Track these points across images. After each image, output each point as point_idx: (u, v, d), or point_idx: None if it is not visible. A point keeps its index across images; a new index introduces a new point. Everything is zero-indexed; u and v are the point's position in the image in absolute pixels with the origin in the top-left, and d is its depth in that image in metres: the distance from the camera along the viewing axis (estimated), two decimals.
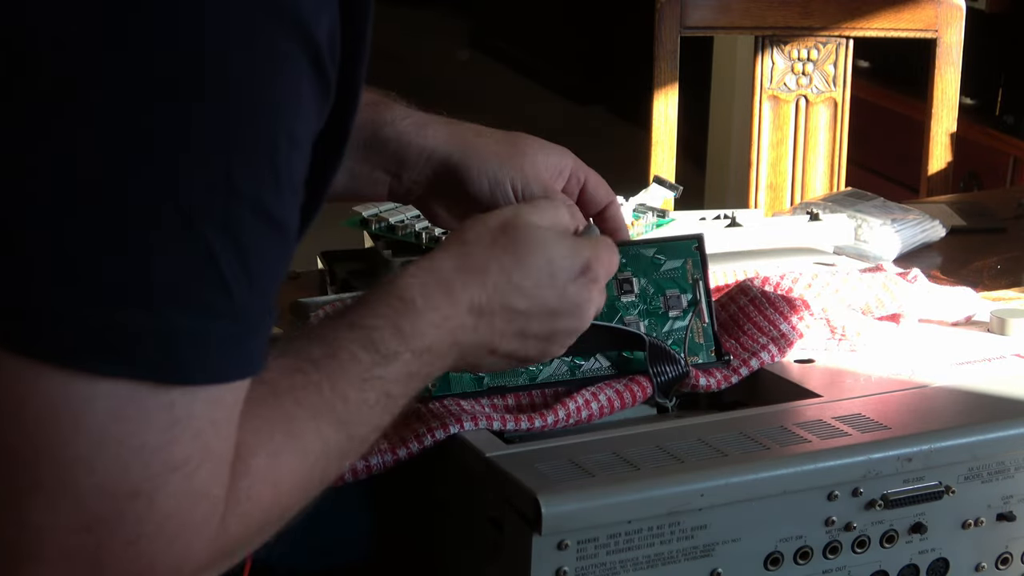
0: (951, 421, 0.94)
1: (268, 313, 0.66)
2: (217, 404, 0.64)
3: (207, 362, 0.63)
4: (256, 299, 0.65)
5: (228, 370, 0.64)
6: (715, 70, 3.65)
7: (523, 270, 0.84)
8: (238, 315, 0.64)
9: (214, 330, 0.63)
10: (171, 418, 0.62)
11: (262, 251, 0.64)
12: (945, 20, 2.05)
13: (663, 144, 2.07)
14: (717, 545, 0.85)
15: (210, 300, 0.62)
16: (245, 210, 0.63)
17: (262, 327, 0.66)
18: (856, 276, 1.09)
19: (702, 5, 2.05)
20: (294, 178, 0.66)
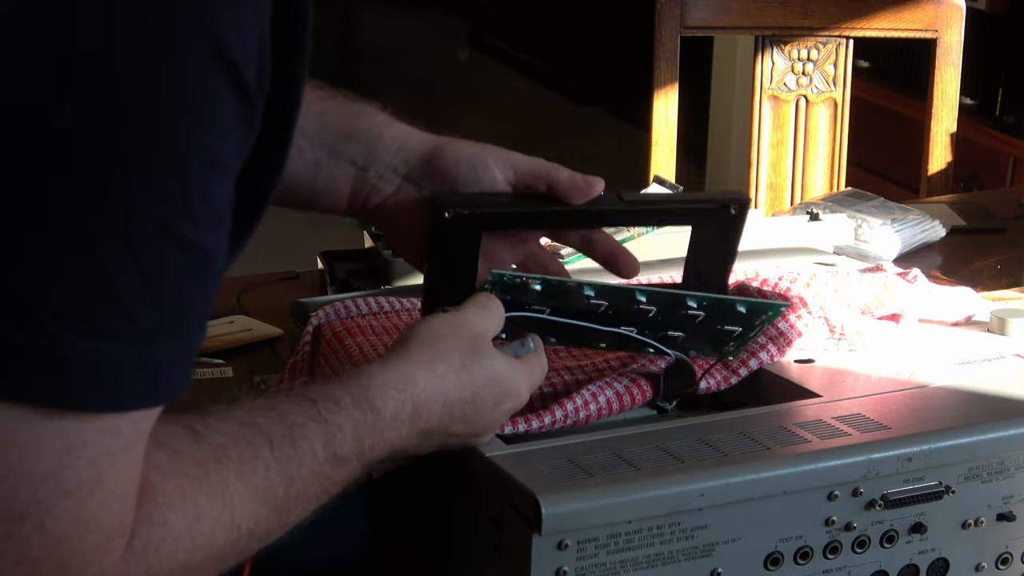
0: (951, 421, 0.94)
1: (184, 339, 0.64)
2: (114, 434, 0.63)
3: (102, 388, 0.61)
4: (166, 324, 0.63)
5: (126, 398, 0.63)
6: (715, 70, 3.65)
7: (475, 405, 0.86)
8: (141, 340, 0.62)
9: (111, 355, 0.61)
10: (64, 445, 0.61)
11: (172, 274, 0.63)
12: (945, 20, 2.05)
13: (663, 144, 2.07)
14: (717, 545, 0.85)
15: (107, 323, 0.61)
16: (149, 231, 0.61)
17: (176, 354, 0.64)
18: (856, 276, 1.09)
19: (702, 5, 2.05)
20: (212, 200, 0.64)
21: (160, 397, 0.64)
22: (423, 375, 0.83)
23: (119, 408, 0.63)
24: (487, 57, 5.90)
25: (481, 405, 0.86)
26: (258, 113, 0.66)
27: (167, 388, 0.65)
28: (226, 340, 1.33)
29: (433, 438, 0.85)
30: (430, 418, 0.83)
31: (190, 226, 0.63)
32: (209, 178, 0.63)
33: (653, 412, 0.99)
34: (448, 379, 0.84)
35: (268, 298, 1.44)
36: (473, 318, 0.88)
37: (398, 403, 0.81)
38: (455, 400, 0.84)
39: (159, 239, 0.62)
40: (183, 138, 0.62)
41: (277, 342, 1.35)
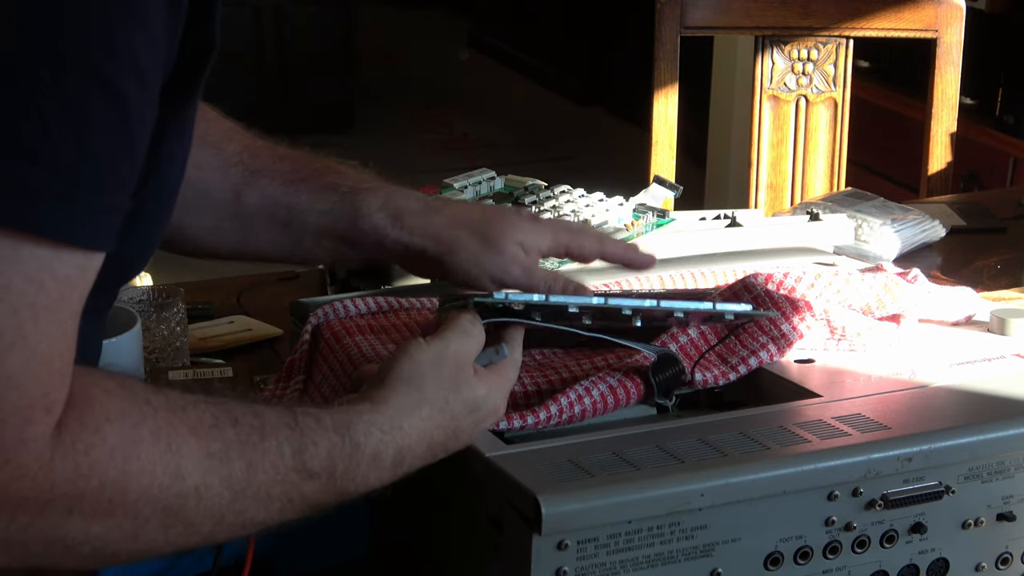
0: (951, 421, 0.94)
1: (101, 186, 0.64)
2: (39, 285, 0.62)
3: (17, 204, 0.61)
4: (87, 171, 0.63)
5: (44, 224, 0.62)
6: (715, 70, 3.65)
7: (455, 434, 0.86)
8: (62, 174, 0.62)
9: (28, 178, 0.61)
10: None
11: (96, 117, 0.63)
12: (945, 20, 2.05)
13: (663, 144, 2.07)
14: (717, 545, 0.85)
15: (30, 145, 0.61)
16: (75, 67, 0.62)
17: (91, 203, 0.64)
18: (857, 276, 1.09)
19: (702, 5, 2.05)
20: (141, 59, 0.65)
21: (76, 236, 0.63)
22: (409, 421, 0.83)
23: (33, 229, 0.62)
24: (487, 57, 5.90)
25: (460, 433, 0.86)
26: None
27: (84, 230, 0.64)
28: (226, 340, 1.33)
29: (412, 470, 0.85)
30: (413, 460, 0.83)
31: (117, 75, 0.64)
32: (134, 33, 0.64)
33: (653, 412, 0.99)
34: (433, 420, 0.84)
35: (268, 298, 1.44)
36: (455, 346, 0.88)
37: (381, 444, 0.81)
38: (439, 440, 0.85)
39: (84, 77, 0.62)
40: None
41: (277, 342, 1.35)
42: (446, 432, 0.85)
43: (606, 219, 1.40)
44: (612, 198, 1.45)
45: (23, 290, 0.61)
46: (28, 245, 0.61)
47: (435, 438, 0.85)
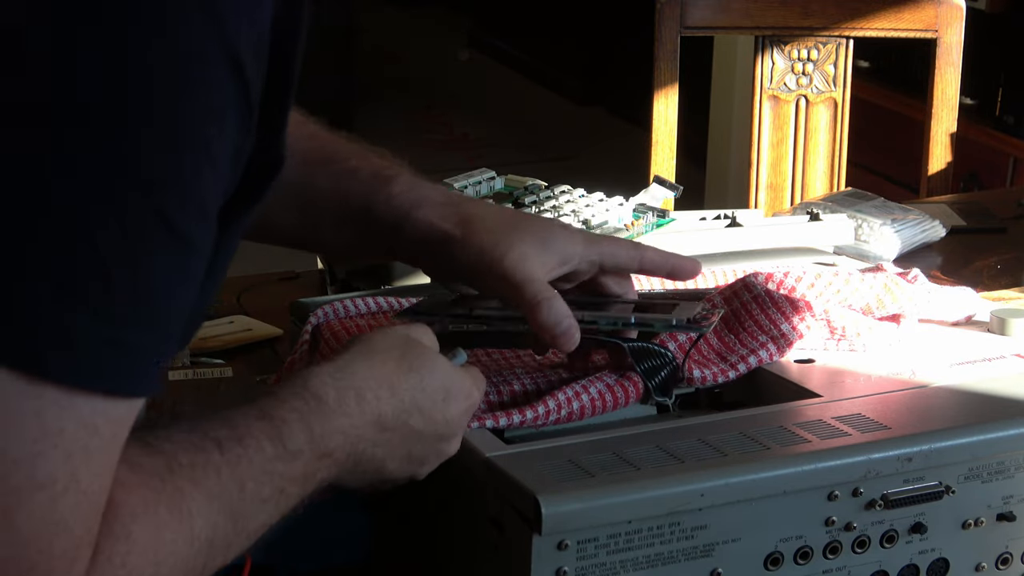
0: (951, 421, 0.94)
1: (158, 336, 0.63)
2: (91, 429, 0.61)
3: (76, 362, 0.60)
4: (143, 312, 0.62)
5: (101, 378, 0.61)
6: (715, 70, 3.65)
7: (424, 392, 0.84)
8: (116, 320, 0.61)
9: (86, 326, 0.60)
10: (40, 429, 0.59)
11: (156, 258, 0.62)
12: (945, 20, 2.05)
13: (663, 144, 2.07)
14: (717, 545, 0.85)
15: (85, 293, 0.60)
16: (141, 209, 0.61)
17: (148, 349, 0.63)
18: (857, 276, 1.09)
19: (702, 5, 2.05)
20: (204, 195, 0.64)
21: (132, 387, 0.63)
22: (360, 365, 0.82)
23: (89, 384, 0.61)
24: (487, 57, 5.90)
25: (432, 395, 0.84)
26: (254, 109, 0.66)
27: (139, 380, 0.63)
28: (226, 340, 1.33)
29: (393, 432, 0.82)
30: (379, 403, 0.81)
31: (180, 214, 0.62)
32: (202, 170, 0.63)
33: (653, 412, 0.99)
34: (388, 366, 0.82)
35: (268, 298, 1.44)
36: (406, 329, 0.87)
37: (339, 390, 0.79)
38: (402, 386, 0.82)
39: (149, 217, 0.61)
40: (181, 122, 0.62)
41: (277, 342, 1.35)
42: (409, 382, 0.83)
43: (606, 219, 1.40)
44: (612, 198, 1.45)
45: (76, 435, 0.60)
46: (83, 395, 0.61)
47: (396, 382, 0.82)
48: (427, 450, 0.85)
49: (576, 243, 0.99)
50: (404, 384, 0.83)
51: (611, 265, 1.01)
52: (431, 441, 0.85)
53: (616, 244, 1.02)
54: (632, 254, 1.02)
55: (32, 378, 0.59)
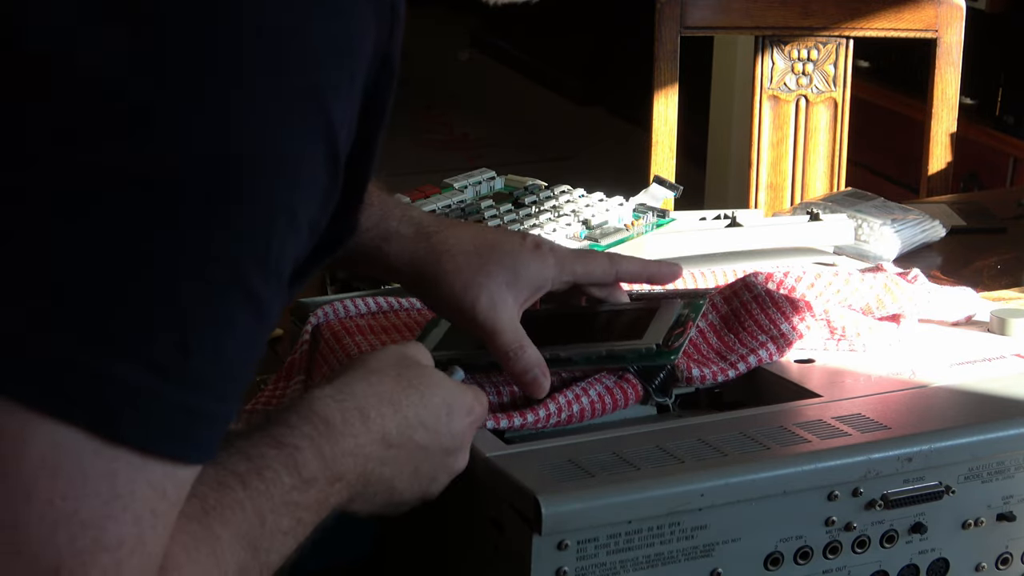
0: (951, 421, 0.94)
1: (225, 405, 0.62)
2: (160, 493, 0.60)
3: (153, 426, 0.59)
4: (218, 380, 0.61)
5: (175, 444, 0.60)
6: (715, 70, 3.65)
7: (426, 408, 0.84)
8: (193, 387, 0.60)
9: (164, 395, 0.59)
10: (112, 491, 0.58)
11: (235, 328, 0.61)
12: (945, 20, 2.05)
13: (663, 144, 2.07)
14: (717, 545, 0.85)
15: (167, 363, 0.59)
16: (227, 279, 0.60)
17: (219, 415, 0.62)
18: (857, 276, 1.09)
19: (702, 5, 2.05)
20: (283, 262, 0.63)
21: (198, 456, 0.62)
22: (359, 385, 0.82)
23: (169, 452, 0.60)
24: (487, 57, 5.90)
25: (434, 410, 0.84)
26: (340, 180, 0.66)
27: (207, 447, 0.62)
28: None
29: (400, 449, 0.82)
30: (383, 420, 0.81)
31: (262, 284, 0.62)
32: (287, 239, 0.63)
33: (653, 412, 0.99)
34: (385, 385, 0.82)
35: None
36: (401, 348, 0.87)
37: (343, 411, 0.79)
38: (403, 402, 0.82)
39: (234, 289, 0.61)
40: (278, 195, 0.61)
41: (277, 342, 1.35)
42: (409, 398, 0.83)
43: (606, 219, 1.40)
44: (612, 198, 1.45)
45: (147, 498, 0.60)
46: (155, 459, 0.60)
47: (397, 398, 0.82)
48: (435, 466, 0.85)
49: (548, 267, 1.00)
50: (406, 400, 0.83)
51: (587, 282, 1.03)
52: (438, 456, 0.84)
53: (590, 260, 1.04)
54: (607, 268, 1.04)
55: (107, 440, 0.58)
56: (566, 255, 1.03)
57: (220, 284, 0.60)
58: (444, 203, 1.41)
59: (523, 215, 1.40)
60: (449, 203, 1.42)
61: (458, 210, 1.40)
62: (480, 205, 1.40)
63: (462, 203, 1.42)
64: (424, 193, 1.43)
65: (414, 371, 0.85)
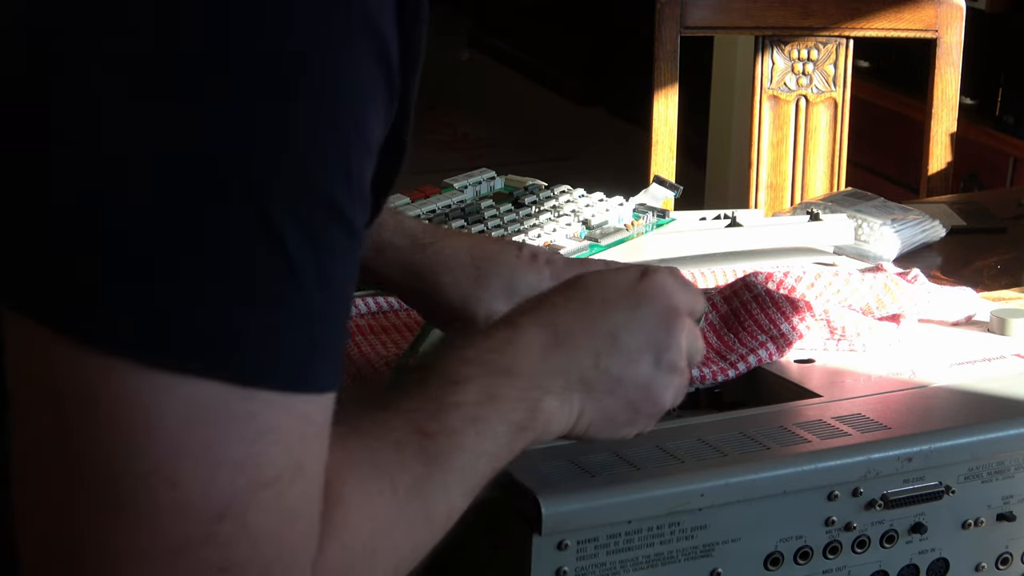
0: (951, 421, 0.94)
1: (341, 330, 0.62)
2: (305, 419, 0.61)
3: (284, 364, 0.59)
4: (330, 304, 0.61)
5: (308, 375, 0.60)
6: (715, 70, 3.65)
7: (625, 325, 0.81)
8: (313, 319, 0.60)
9: (290, 331, 0.59)
10: (256, 429, 0.58)
11: (336, 253, 0.61)
12: (945, 20, 2.05)
13: (663, 144, 2.07)
14: (717, 545, 0.85)
15: (285, 299, 0.59)
16: (321, 209, 0.60)
17: (337, 343, 0.62)
18: (856, 276, 1.09)
19: (702, 5, 2.05)
20: (363, 181, 0.63)
21: (327, 383, 0.62)
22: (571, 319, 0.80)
23: (305, 385, 0.60)
24: (487, 57, 5.90)
25: (628, 338, 0.80)
26: (396, 96, 0.65)
27: (330, 377, 0.62)
28: None
29: (574, 352, 0.79)
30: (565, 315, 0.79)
31: (350, 205, 0.62)
32: (363, 158, 0.62)
33: None
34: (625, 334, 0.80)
35: None
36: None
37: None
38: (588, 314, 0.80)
39: (328, 216, 0.60)
40: (345, 112, 0.61)
41: None
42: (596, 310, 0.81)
43: (606, 219, 1.40)
44: (612, 198, 1.45)
45: (292, 429, 0.60)
46: (291, 393, 0.60)
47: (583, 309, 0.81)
48: (615, 401, 0.81)
49: (543, 279, 1.00)
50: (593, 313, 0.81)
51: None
52: (610, 385, 0.81)
53: (586, 269, 1.03)
54: None
55: (240, 384, 0.58)
56: (562, 265, 1.03)
57: (320, 211, 0.60)
58: (444, 203, 1.41)
59: (523, 215, 1.39)
60: (449, 203, 1.42)
61: (458, 210, 1.40)
62: (480, 205, 1.40)
63: (462, 203, 1.42)
64: (424, 193, 1.43)
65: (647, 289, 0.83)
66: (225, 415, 0.58)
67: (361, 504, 0.66)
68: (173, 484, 0.57)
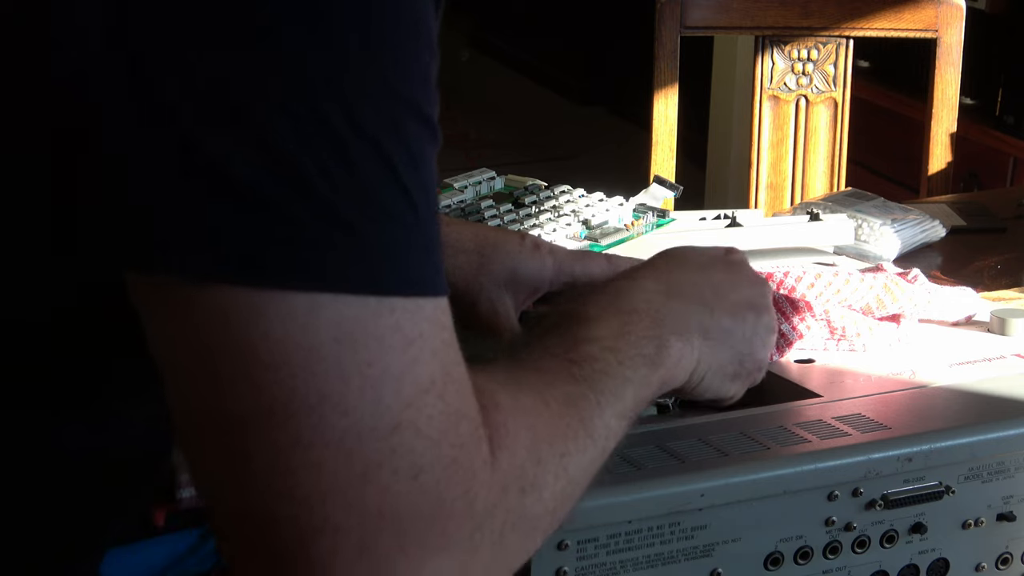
0: (951, 421, 0.94)
1: (439, 234, 0.63)
2: (440, 324, 0.62)
3: (412, 272, 0.61)
4: (431, 210, 0.62)
5: (430, 280, 0.62)
6: (715, 70, 3.65)
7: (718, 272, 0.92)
8: (423, 226, 0.61)
9: (409, 240, 0.60)
10: (405, 340, 0.60)
11: (427, 160, 0.62)
12: (945, 20, 2.05)
13: (663, 144, 2.07)
14: (717, 545, 0.85)
15: (399, 210, 0.60)
16: (409, 115, 0.61)
17: (439, 242, 0.63)
18: (857, 276, 1.09)
19: (702, 5, 2.05)
20: (434, 84, 0.63)
21: (446, 287, 0.63)
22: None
23: (428, 291, 0.61)
24: (487, 57, 5.90)
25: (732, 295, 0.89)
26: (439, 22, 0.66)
27: (443, 277, 0.63)
28: None
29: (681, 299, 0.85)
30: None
31: (430, 107, 0.62)
32: (431, 62, 0.63)
33: (653, 412, 0.99)
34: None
35: None
36: None
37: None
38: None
39: (415, 121, 0.61)
40: (422, 21, 0.61)
41: None
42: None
43: (606, 219, 1.40)
44: (612, 198, 1.45)
45: (434, 334, 0.61)
46: (422, 298, 0.61)
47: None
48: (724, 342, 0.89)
49: (546, 268, 1.02)
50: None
51: (585, 282, 1.04)
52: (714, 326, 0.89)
53: (589, 261, 1.05)
54: (606, 269, 1.05)
55: (381, 295, 0.59)
56: (564, 256, 1.04)
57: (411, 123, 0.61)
58: (444, 203, 1.41)
59: (523, 215, 1.40)
60: (449, 203, 1.42)
61: (458, 210, 1.40)
62: (480, 205, 1.40)
63: (462, 203, 1.42)
64: None
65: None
66: (374, 331, 0.59)
67: (516, 413, 0.67)
68: (344, 410, 0.58)
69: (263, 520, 0.59)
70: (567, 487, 0.70)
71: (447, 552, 0.61)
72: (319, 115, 0.58)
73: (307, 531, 0.58)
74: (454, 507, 0.61)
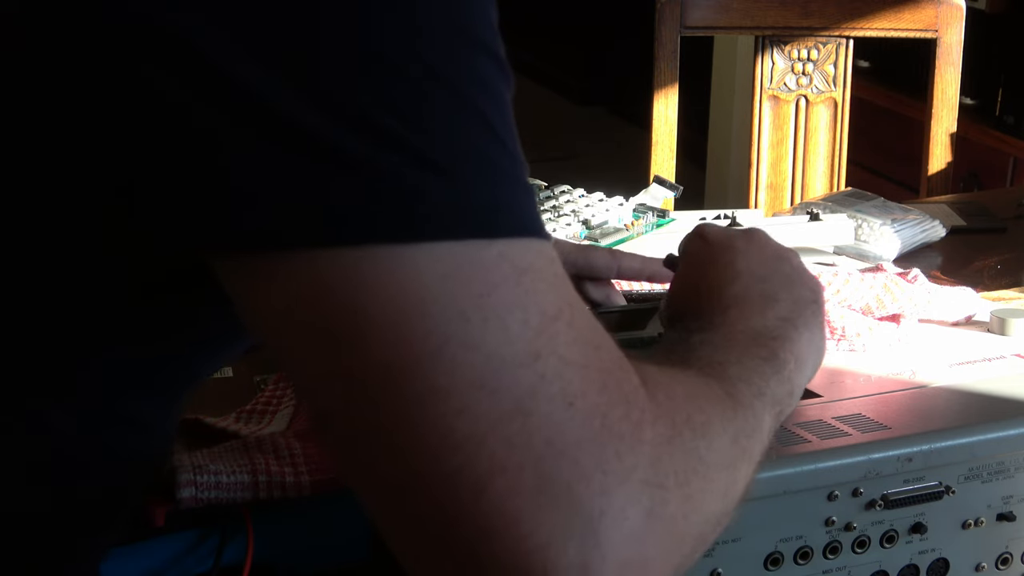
0: (951, 421, 0.94)
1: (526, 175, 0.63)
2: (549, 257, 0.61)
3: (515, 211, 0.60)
4: (518, 150, 0.62)
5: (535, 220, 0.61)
6: (715, 70, 3.65)
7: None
8: (516, 167, 0.61)
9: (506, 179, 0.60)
10: (515, 269, 0.58)
11: (506, 98, 0.62)
12: (945, 20, 2.06)
13: (663, 144, 2.07)
14: (717, 545, 0.85)
15: (495, 153, 0.60)
16: (486, 58, 0.61)
17: (529, 185, 0.63)
18: (857, 276, 1.09)
19: (702, 5, 2.05)
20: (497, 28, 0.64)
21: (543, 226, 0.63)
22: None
23: (532, 232, 0.60)
24: None
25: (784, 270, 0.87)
26: None
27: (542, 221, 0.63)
28: None
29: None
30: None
31: (501, 50, 0.62)
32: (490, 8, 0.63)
33: None
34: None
35: None
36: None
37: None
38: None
39: (494, 67, 0.61)
40: None
41: None
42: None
43: (606, 219, 1.40)
44: (612, 198, 1.45)
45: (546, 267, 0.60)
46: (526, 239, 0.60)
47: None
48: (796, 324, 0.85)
49: None
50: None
51: (588, 275, 1.04)
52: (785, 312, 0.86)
53: (593, 254, 1.05)
54: (609, 263, 1.05)
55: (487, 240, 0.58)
56: (568, 248, 1.05)
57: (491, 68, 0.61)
58: None
59: None
60: None
61: None
62: None
63: None
64: None
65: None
66: (481, 267, 0.57)
67: (664, 382, 0.65)
68: (475, 346, 0.56)
69: (432, 486, 0.57)
70: (740, 454, 0.69)
71: (631, 483, 0.58)
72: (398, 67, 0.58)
73: (478, 479, 0.56)
74: (622, 430, 0.59)
